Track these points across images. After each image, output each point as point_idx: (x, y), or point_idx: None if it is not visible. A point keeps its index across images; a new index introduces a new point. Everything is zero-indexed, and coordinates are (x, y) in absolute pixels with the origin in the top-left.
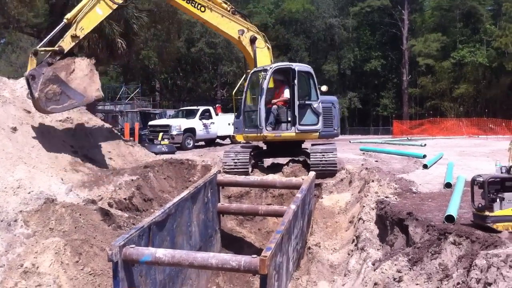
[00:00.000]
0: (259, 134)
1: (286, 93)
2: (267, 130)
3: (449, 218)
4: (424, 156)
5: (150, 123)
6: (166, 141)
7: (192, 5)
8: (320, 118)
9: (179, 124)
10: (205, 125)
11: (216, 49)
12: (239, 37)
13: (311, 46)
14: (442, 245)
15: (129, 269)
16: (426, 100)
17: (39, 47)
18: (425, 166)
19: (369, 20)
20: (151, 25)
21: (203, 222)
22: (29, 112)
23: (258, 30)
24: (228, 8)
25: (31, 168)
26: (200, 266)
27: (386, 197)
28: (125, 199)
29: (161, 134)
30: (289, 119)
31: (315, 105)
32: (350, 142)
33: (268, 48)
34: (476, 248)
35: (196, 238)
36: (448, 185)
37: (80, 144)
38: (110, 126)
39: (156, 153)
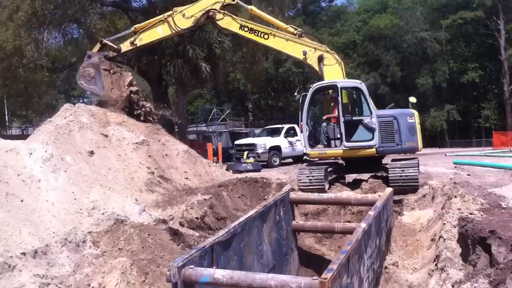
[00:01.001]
0: (309, 151)
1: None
2: (310, 148)
3: None
4: None
5: (237, 142)
6: (251, 159)
7: (255, 35)
8: (376, 133)
9: (264, 142)
10: (290, 143)
11: (303, 68)
12: (304, 58)
13: (402, 60)
14: None
15: None
16: None
17: (107, 40)
18: None
19: (462, 32)
20: (236, 48)
21: (276, 241)
22: (106, 136)
23: (328, 49)
24: (295, 32)
25: (107, 190)
26: None
27: (470, 213)
28: (197, 218)
29: (246, 152)
30: (338, 136)
31: (366, 120)
32: (446, 155)
33: (339, 64)
34: None
35: (268, 257)
36: None
37: (156, 165)
38: (186, 147)
39: (241, 171)
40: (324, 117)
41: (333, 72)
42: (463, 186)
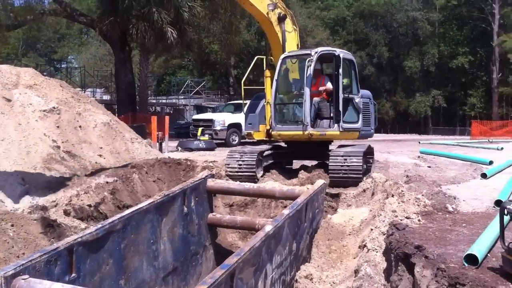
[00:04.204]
0: (304, 132)
1: (329, 84)
2: (312, 127)
3: (471, 259)
4: (491, 163)
5: (194, 117)
6: (206, 137)
7: None
8: (360, 115)
9: (223, 118)
10: None
11: None
12: (267, 13)
13: (391, 41)
14: None
15: None
16: None
17: None
18: (483, 176)
19: (456, 14)
20: (212, 16)
21: (181, 238)
22: (8, 100)
23: (286, 8)
24: None
25: None
26: None
27: (407, 217)
28: (89, 205)
29: (200, 129)
30: (331, 115)
31: (356, 99)
32: (419, 142)
33: (295, 30)
34: None
35: (167, 258)
36: (498, 203)
37: (64, 138)
38: (108, 119)
39: (192, 150)
40: (322, 89)
41: (290, 39)
42: (415, 180)
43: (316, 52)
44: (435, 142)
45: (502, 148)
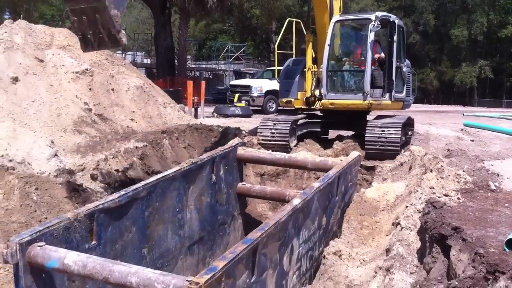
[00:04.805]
0: (364, 101)
1: (380, 52)
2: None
3: None
4: None
5: (231, 82)
6: (242, 103)
7: None
8: (405, 85)
9: (261, 85)
10: None
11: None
12: None
13: (438, 8)
14: None
15: (39, 277)
16: None
17: None
18: None
19: None
20: None
21: (208, 207)
22: (41, 61)
23: None
24: None
25: (19, 126)
26: (117, 284)
27: (446, 194)
28: (117, 170)
29: (237, 95)
30: (384, 84)
31: (404, 69)
32: (463, 114)
33: None
34: None
35: (192, 227)
36: None
37: (97, 101)
38: (141, 82)
39: (228, 116)
40: (376, 57)
41: (335, 3)
42: (457, 155)
43: (377, 17)
44: (480, 115)
45: None
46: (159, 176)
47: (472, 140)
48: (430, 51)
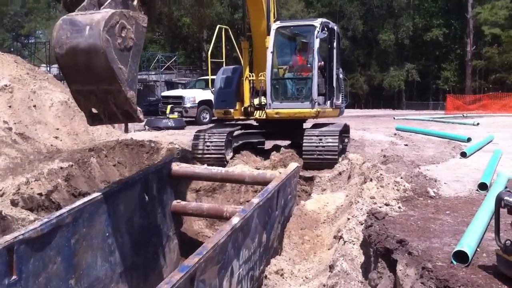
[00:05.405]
0: (312, 110)
1: (320, 59)
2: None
3: (460, 255)
4: (469, 140)
5: (163, 94)
6: (175, 115)
7: None
8: (340, 92)
9: (194, 95)
10: None
11: None
12: None
13: (366, 13)
14: None
15: None
16: (492, 73)
17: None
18: (463, 155)
19: None
20: None
21: (140, 229)
22: None
23: None
24: None
25: None
26: None
27: (387, 204)
28: (40, 194)
29: (169, 106)
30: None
31: (340, 75)
32: (394, 118)
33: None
34: None
35: (124, 252)
36: (482, 187)
37: (18, 119)
38: (66, 97)
39: (161, 128)
40: (320, 64)
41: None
42: (393, 161)
43: (320, 23)
44: (410, 118)
45: (478, 124)
46: (85, 199)
47: (406, 145)
48: (359, 56)
